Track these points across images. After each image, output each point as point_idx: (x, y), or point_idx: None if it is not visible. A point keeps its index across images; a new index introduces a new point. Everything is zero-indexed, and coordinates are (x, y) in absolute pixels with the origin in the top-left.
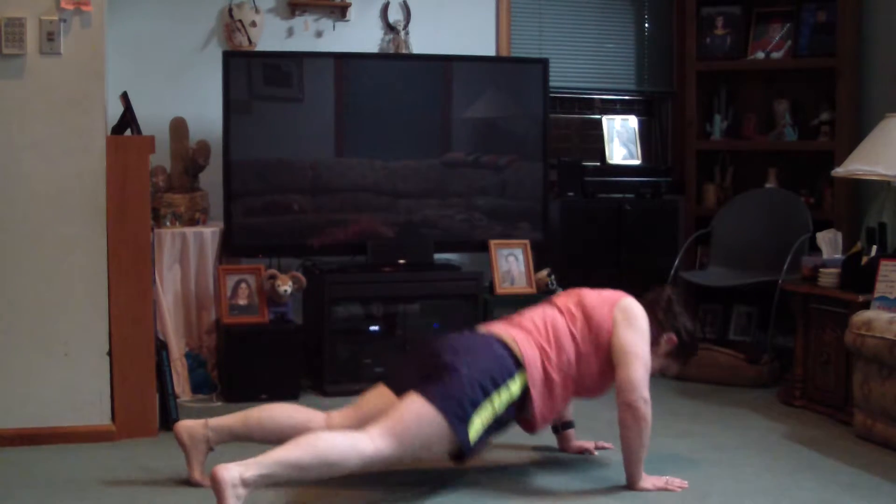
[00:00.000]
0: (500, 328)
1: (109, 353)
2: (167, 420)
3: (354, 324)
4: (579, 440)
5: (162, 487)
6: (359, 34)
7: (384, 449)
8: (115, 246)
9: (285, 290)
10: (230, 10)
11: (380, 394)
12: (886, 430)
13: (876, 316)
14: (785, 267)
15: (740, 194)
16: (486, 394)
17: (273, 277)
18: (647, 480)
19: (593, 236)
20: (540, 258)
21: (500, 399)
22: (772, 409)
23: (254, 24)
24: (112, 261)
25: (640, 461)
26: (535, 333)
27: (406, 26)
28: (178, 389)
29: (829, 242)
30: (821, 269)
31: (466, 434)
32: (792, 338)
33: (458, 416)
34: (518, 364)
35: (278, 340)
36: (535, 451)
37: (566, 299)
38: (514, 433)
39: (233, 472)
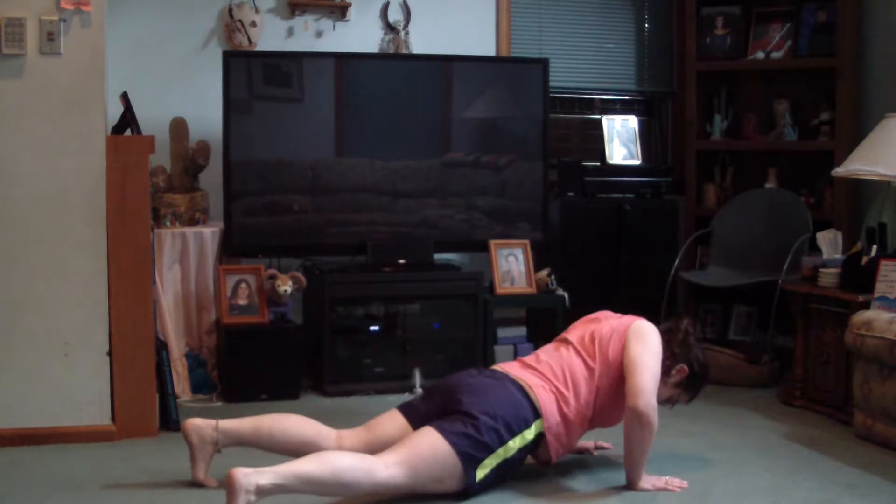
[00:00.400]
0: (517, 371)
1: (109, 353)
2: (167, 420)
3: (354, 324)
4: (580, 440)
5: (162, 487)
6: (359, 34)
7: (398, 476)
8: (115, 246)
9: (285, 290)
10: (230, 10)
11: (393, 420)
12: (886, 430)
13: (876, 316)
14: (785, 267)
15: (740, 194)
16: (502, 441)
17: (273, 277)
18: (647, 481)
19: (593, 236)
20: (540, 258)
21: (514, 445)
22: (772, 409)
23: (254, 24)
24: (112, 261)
25: (642, 465)
26: (552, 378)
27: (406, 26)
28: (178, 389)
29: (829, 242)
30: (821, 269)
31: (474, 476)
32: (792, 338)
33: (470, 458)
34: (535, 412)
35: (278, 340)
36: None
37: (581, 333)
38: None
39: (250, 478)
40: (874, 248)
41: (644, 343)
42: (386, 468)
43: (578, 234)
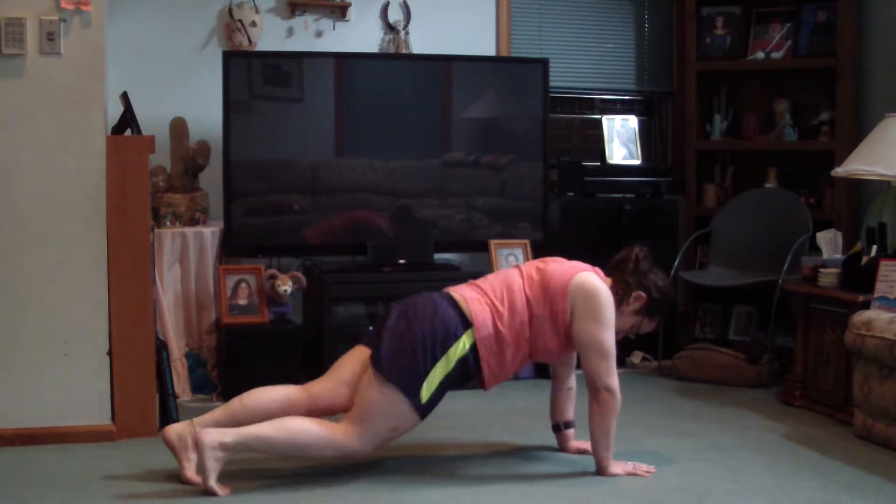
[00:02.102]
0: (457, 289)
1: (109, 353)
2: (167, 420)
3: (354, 324)
4: (578, 441)
5: (162, 487)
6: (359, 34)
7: (354, 437)
8: (115, 246)
9: (285, 290)
10: (230, 10)
11: (355, 356)
12: (886, 430)
13: (876, 316)
14: (785, 267)
15: (740, 194)
16: (435, 359)
17: (273, 277)
18: (616, 466)
19: (593, 236)
20: (540, 258)
21: (449, 359)
22: (772, 409)
23: (254, 24)
24: (112, 261)
25: (608, 447)
26: (490, 293)
27: (406, 26)
28: (178, 389)
29: (829, 242)
30: (821, 269)
31: (419, 399)
32: (792, 338)
33: (410, 386)
34: (467, 323)
35: (278, 340)
36: (535, 451)
37: (532, 263)
38: (514, 432)
39: (213, 436)
40: (874, 248)
41: (591, 315)
42: (342, 431)
43: (578, 234)
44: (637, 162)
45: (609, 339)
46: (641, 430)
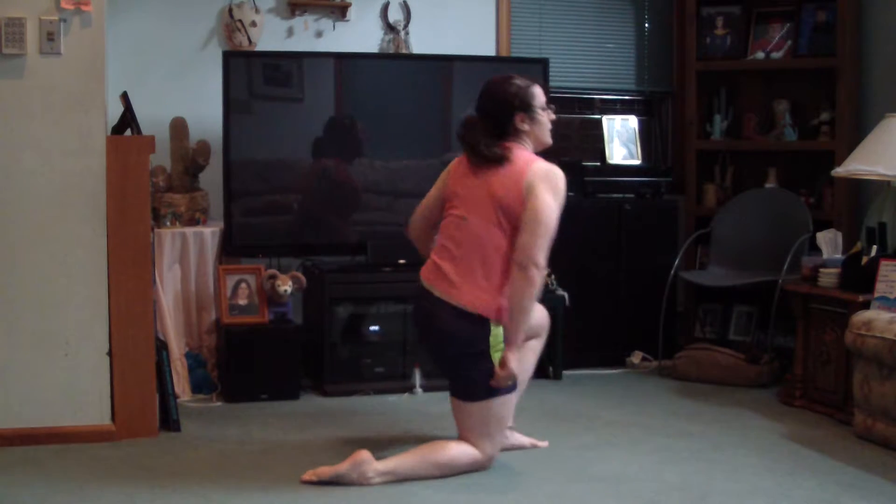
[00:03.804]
0: (439, 281)
1: (109, 353)
2: (167, 420)
3: (354, 324)
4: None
5: (162, 487)
6: (359, 34)
7: (488, 449)
8: (115, 246)
9: (285, 290)
10: (230, 10)
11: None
12: (886, 430)
13: (876, 316)
14: (785, 267)
15: (740, 194)
16: (485, 354)
17: (273, 277)
18: (515, 361)
19: (593, 236)
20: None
21: (499, 348)
22: (772, 409)
23: (254, 24)
24: (112, 261)
25: (520, 326)
26: (478, 274)
27: (406, 26)
28: (178, 389)
29: (829, 242)
30: (821, 269)
31: (493, 392)
32: (792, 338)
33: (491, 390)
34: (485, 323)
35: (278, 340)
36: (535, 451)
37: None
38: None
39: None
40: (874, 248)
41: (551, 187)
42: (481, 450)
43: (578, 234)
44: (637, 162)
45: (556, 216)
46: (641, 430)
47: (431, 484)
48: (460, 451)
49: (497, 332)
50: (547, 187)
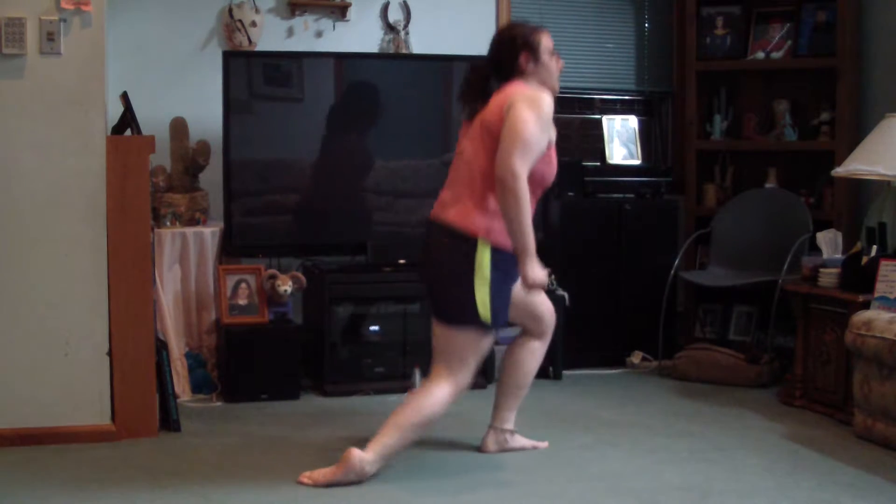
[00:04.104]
0: (443, 207)
1: (109, 353)
2: (167, 420)
3: (354, 324)
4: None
5: (162, 487)
6: (359, 34)
7: (460, 380)
8: (115, 246)
9: (285, 290)
10: (230, 10)
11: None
12: (886, 430)
13: (876, 316)
14: (785, 267)
15: (740, 194)
16: (470, 281)
17: (273, 277)
18: (536, 271)
19: (593, 236)
20: (540, 258)
21: (482, 272)
22: (772, 409)
23: (254, 24)
24: (112, 261)
25: (518, 238)
26: (466, 189)
27: (406, 26)
28: (178, 389)
29: (829, 242)
30: (821, 269)
31: (484, 322)
32: (792, 338)
33: (469, 316)
34: (470, 239)
35: (278, 340)
36: (536, 451)
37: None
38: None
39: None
40: (874, 248)
41: (529, 102)
42: (447, 384)
43: (578, 234)
44: (637, 162)
45: (533, 130)
46: (641, 430)
47: (432, 484)
48: (432, 401)
49: (482, 260)
50: (526, 105)
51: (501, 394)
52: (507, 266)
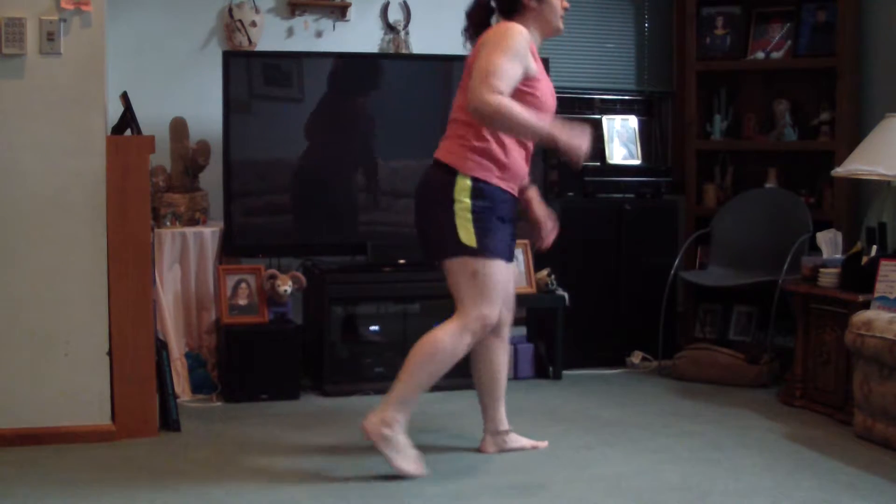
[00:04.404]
0: (443, 147)
1: (109, 353)
2: (167, 420)
3: (354, 324)
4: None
5: (162, 487)
6: (359, 34)
7: (458, 325)
8: (115, 246)
9: (285, 290)
10: (230, 10)
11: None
12: (886, 430)
13: (876, 316)
14: (785, 267)
15: (740, 194)
16: (447, 210)
17: (273, 277)
18: (566, 133)
19: (593, 236)
20: (540, 258)
21: (459, 201)
22: (772, 409)
23: (254, 24)
24: (112, 261)
25: (529, 128)
26: (453, 126)
27: (406, 26)
28: (178, 389)
29: (829, 242)
30: (821, 269)
31: (469, 247)
32: (792, 338)
33: (453, 246)
34: (451, 172)
35: (278, 340)
36: (536, 451)
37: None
38: (515, 432)
39: (373, 423)
40: (874, 248)
41: (493, 43)
42: (444, 326)
43: (578, 234)
44: (637, 162)
45: (497, 60)
46: (641, 430)
47: (432, 485)
48: (441, 345)
49: (461, 189)
50: (494, 40)
51: (482, 395)
52: (492, 199)
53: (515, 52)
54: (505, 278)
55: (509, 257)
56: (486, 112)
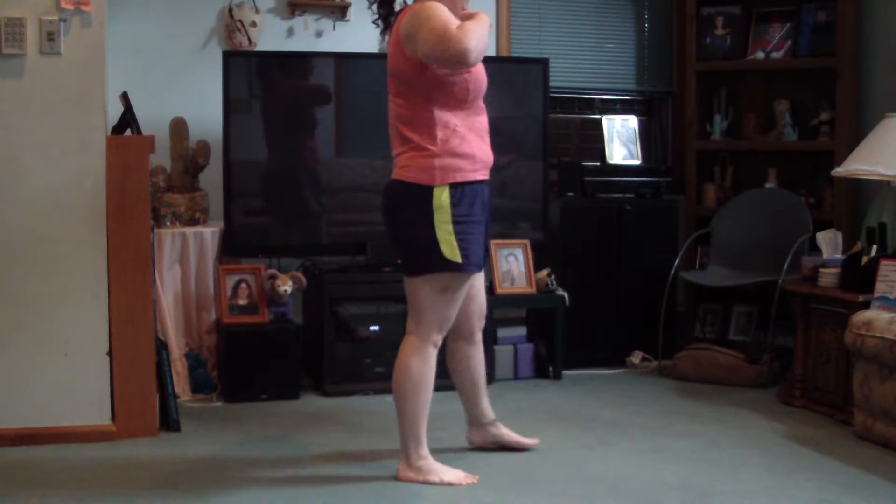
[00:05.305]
0: (399, 168)
1: (109, 353)
2: (167, 420)
3: (354, 324)
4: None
5: (162, 487)
6: (359, 34)
7: (419, 338)
8: (115, 246)
9: (285, 290)
10: (230, 10)
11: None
12: (886, 430)
13: (876, 316)
14: (785, 267)
15: (740, 194)
16: (428, 224)
17: (273, 277)
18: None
19: (593, 236)
20: (540, 258)
21: (443, 211)
22: (772, 409)
23: (254, 24)
24: (112, 261)
25: (483, 29)
26: (402, 142)
27: None
28: (178, 389)
29: (829, 242)
30: (821, 269)
31: (452, 262)
32: (792, 338)
33: (435, 262)
34: (425, 188)
35: (278, 340)
36: (536, 451)
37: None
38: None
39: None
40: (874, 248)
41: (416, 28)
42: (413, 349)
43: (578, 234)
44: (637, 162)
45: (439, 22)
46: (641, 430)
47: (432, 485)
48: (411, 371)
49: (441, 202)
50: (424, 18)
51: (465, 398)
52: (472, 198)
53: (447, 18)
54: (475, 289)
55: (483, 262)
56: (471, 55)
